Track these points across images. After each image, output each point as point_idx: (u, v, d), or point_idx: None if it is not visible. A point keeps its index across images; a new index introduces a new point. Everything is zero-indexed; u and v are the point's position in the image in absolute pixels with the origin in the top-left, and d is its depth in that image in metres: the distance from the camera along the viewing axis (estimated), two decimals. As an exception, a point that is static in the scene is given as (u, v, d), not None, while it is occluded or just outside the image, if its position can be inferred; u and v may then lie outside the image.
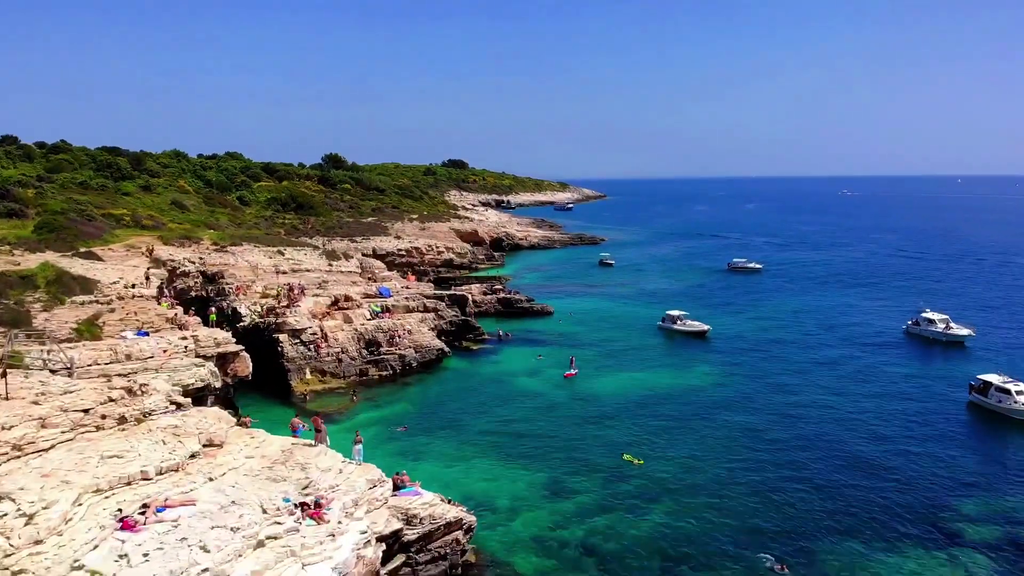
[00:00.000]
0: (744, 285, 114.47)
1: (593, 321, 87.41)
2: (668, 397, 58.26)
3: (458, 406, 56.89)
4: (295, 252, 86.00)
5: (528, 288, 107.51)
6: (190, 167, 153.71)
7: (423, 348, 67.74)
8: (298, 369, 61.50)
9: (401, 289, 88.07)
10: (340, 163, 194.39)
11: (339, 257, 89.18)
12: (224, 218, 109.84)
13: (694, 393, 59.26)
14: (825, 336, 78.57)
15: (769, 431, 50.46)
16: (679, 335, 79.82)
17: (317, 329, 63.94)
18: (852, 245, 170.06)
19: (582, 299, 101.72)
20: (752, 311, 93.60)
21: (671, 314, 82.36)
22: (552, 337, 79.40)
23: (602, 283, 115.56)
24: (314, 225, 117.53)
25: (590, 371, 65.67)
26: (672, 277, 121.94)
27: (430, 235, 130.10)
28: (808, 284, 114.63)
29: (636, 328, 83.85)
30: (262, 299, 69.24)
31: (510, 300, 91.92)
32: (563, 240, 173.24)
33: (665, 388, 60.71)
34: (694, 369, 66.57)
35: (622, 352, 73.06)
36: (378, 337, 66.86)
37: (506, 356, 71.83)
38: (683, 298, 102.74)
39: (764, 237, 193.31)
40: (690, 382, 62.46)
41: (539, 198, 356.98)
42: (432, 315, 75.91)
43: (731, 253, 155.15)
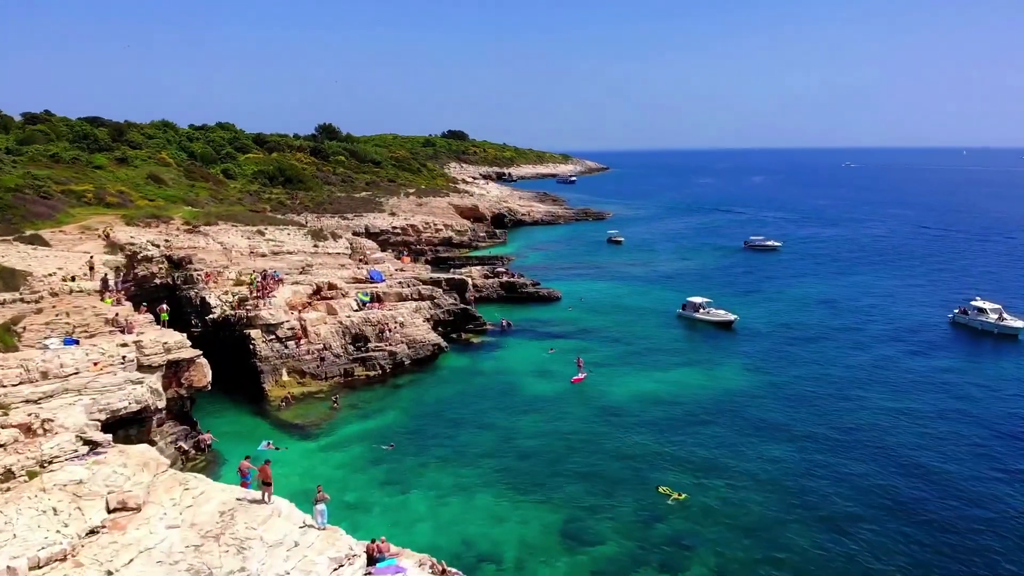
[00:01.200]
0: (764, 266, 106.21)
1: (605, 308, 79.30)
2: (698, 406, 50.26)
3: (456, 415, 48.98)
4: (277, 232, 77.72)
5: (533, 270, 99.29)
6: (177, 138, 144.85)
7: (417, 343, 59.72)
8: (273, 370, 53.54)
9: (394, 272, 79.91)
10: (334, 134, 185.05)
11: (326, 237, 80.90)
12: (204, 193, 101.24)
13: (728, 401, 51.26)
14: (865, 328, 70.41)
15: (825, 453, 42.48)
16: (701, 325, 71.76)
17: (296, 323, 55.88)
18: (871, 221, 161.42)
19: (592, 282, 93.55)
20: (777, 297, 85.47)
21: (693, 301, 74.20)
22: (561, 326, 71.34)
23: (612, 263, 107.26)
24: (302, 201, 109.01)
25: (605, 372, 57.69)
26: (686, 257, 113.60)
27: (427, 211, 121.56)
28: (833, 265, 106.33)
29: (653, 316, 75.75)
30: (236, 287, 61.09)
31: (514, 284, 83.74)
32: (568, 216, 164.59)
33: (693, 394, 52.71)
34: (724, 369, 58.56)
35: (640, 346, 65.02)
36: (366, 331, 58.84)
37: (510, 351, 63.83)
38: (700, 281, 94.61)
39: (776, 212, 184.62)
40: (722, 385, 54.44)
41: (541, 170, 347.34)
42: (428, 304, 67.80)
43: (746, 230, 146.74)
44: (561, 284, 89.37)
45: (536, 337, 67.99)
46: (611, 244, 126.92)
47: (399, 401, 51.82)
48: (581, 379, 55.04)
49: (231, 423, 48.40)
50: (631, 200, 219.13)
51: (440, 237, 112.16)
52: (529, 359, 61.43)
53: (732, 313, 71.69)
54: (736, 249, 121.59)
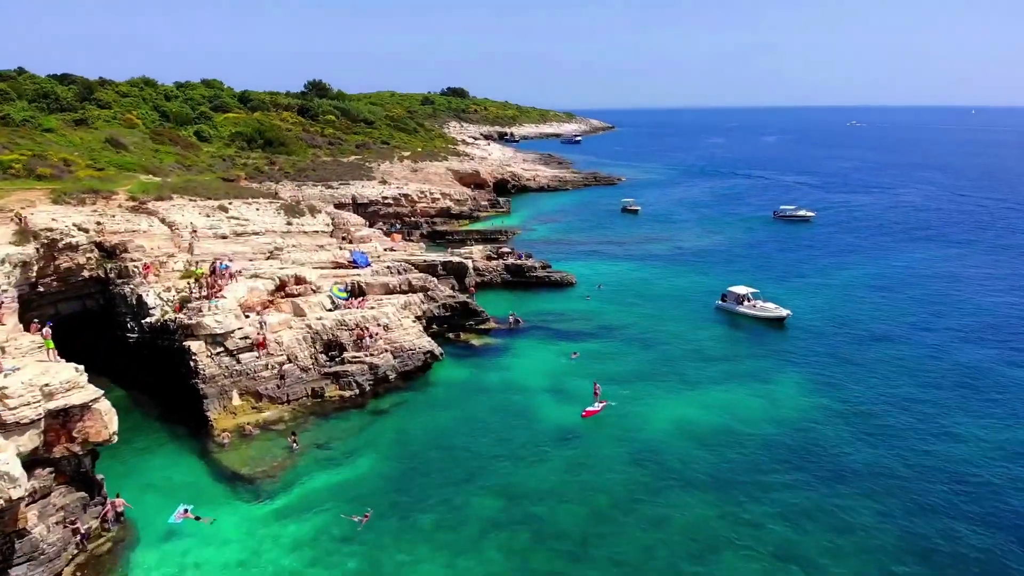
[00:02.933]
0: (799, 240, 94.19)
1: (627, 297, 67.52)
2: (758, 446, 38.79)
3: (451, 460, 37.62)
4: (243, 207, 65.57)
5: (541, 246, 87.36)
6: (154, 97, 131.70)
7: (405, 351, 48.13)
8: (220, 393, 42.06)
9: (383, 254, 68.19)
10: (324, 91, 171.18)
11: (302, 212, 68.79)
12: (170, 159, 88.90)
13: (795, 437, 39.78)
14: (936, 325, 58.76)
15: (930, 517, 31.24)
16: (746, 321, 60.17)
17: (251, 330, 44.25)
18: (901, 187, 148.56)
19: (609, 262, 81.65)
20: (823, 281, 73.64)
21: (735, 292, 62.39)
22: (578, 322, 59.67)
23: (629, 238, 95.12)
24: (282, 167, 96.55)
25: (636, 390, 46.19)
26: (711, 229, 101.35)
27: (423, 178, 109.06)
28: (876, 239, 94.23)
29: (684, 308, 64.03)
30: (184, 280, 49.48)
31: (521, 268, 71.80)
32: (576, 180, 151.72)
33: (748, 426, 41.16)
34: (781, 386, 47.01)
35: (674, 351, 53.40)
36: (341, 337, 47.25)
37: (520, 357, 52.28)
38: (731, 260, 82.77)
39: (797, 175, 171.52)
40: (783, 412, 42.92)
41: (544, 130, 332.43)
42: (420, 297, 56.13)
43: (769, 196, 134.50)
44: (574, 265, 77.57)
45: (550, 337, 56.42)
46: (626, 214, 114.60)
47: (379, 436, 40.34)
48: (596, 411, 42.59)
49: (161, 469, 37.11)
50: (641, 162, 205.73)
51: (437, 207, 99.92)
52: (543, 369, 49.93)
53: (783, 307, 59.93)
54: (765, 220, 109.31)
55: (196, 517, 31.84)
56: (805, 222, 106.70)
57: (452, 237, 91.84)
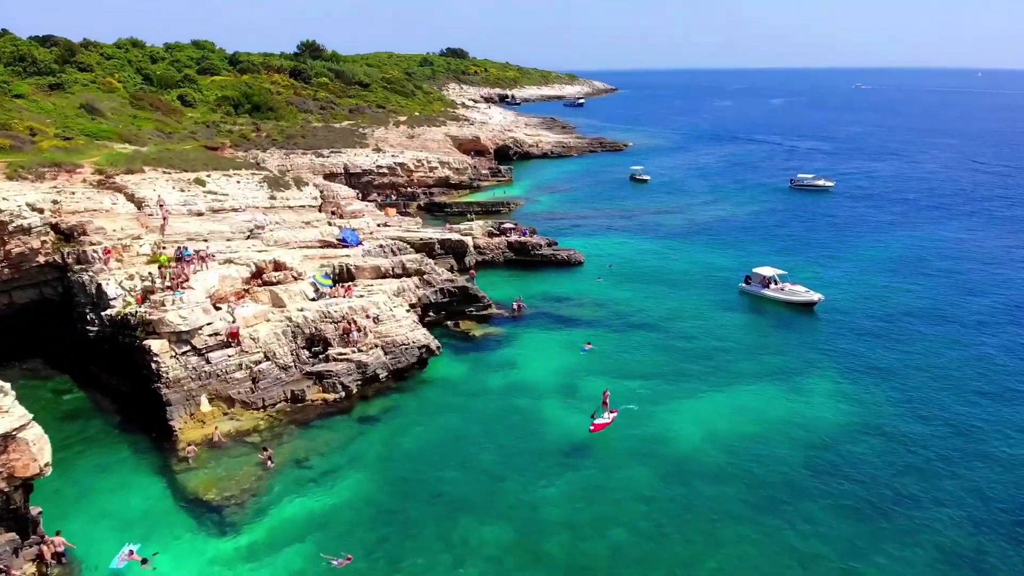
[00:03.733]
0: (820, 212, 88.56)
1: (641, 278, 62.18)
2: (793, 461, 33.82)
3: (448, 480, 32.66)
4: (224, 180, 60.00)
5: (544, 219, 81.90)
6: (140, 58, 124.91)
7: (397, 347, 42.94)
8: (186, 398, 37.02)
9: (375, 230, 62.86)
10: (318, 52, 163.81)
11: (288, 185, 63.17)
12: (149, 125, 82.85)
13: (837, 451, 34.76)
14: (981, 313, 53.63)
15: None
16: (772, 306, 55.00)
17: (223, 324, 39.06)
18: (918, 153, 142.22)
19: (619, 238, 76.14)
20: (851, 258, 68.28)
21: (761, 274, 57.03)
22: (588, 308, 54.44)
23: (640, 210, 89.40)
24: (269, 134, 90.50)
25: (656, 388, 41.17)
26: (726, 200, 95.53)
27: (420, 145, 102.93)
28: (900, 211, 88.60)
29: (704, 291, 58.77)
30: (149, 265, 44.20)
31: (525, 245, 66.32)
32: (580, 146, 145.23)
33: (781, 437, 36.18)
34: (815, 384, 41.92)
35: (696, 343, 48.24)
36: (325, 331, 42.06)
37: (525, 349, 47.10)
38: (750, 235, 77.30)
39: (809, 141, 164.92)
40: (820, 418, 37.85)
41: (546, 92, 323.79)
42: (415, 281, 50.84)
43: (783, 163, 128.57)
44: (582, 241, 72.15)
45: (558, 325, 51.24)
46: (635, 183, 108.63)
47: (366, 449, 35.34)
48: (607, 423, 36.66)
49: (117, 492, 32.18)
50: (647, 126, 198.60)
51: (435, 177, 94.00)
52: (552, 364, 44.82)
53: (814, 291, 54.60)
54: (782, 189, 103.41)
55: (143, 560, 26.94)
56: (824, 192, 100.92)
57: (451, 209, 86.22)
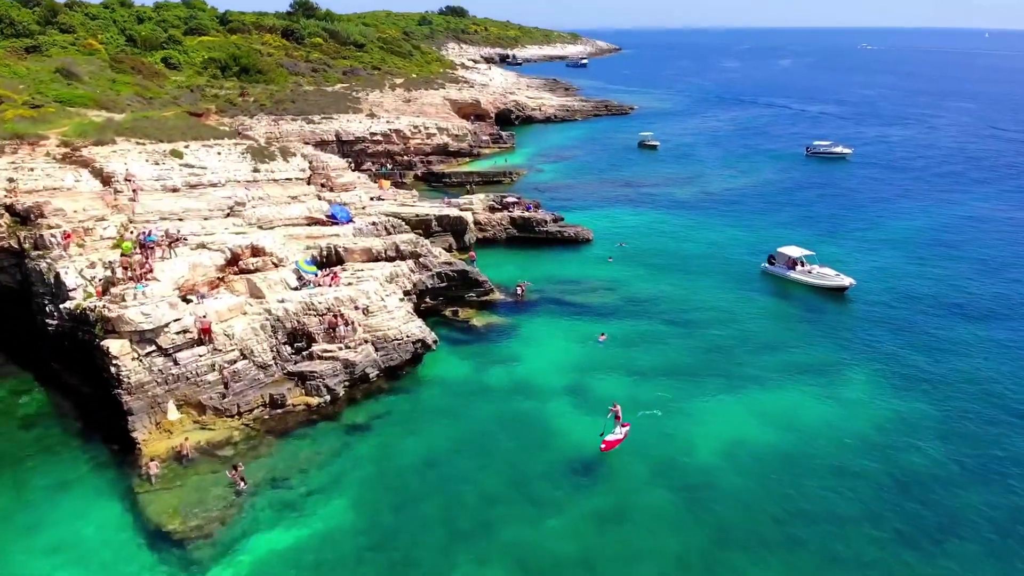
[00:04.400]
0: (838, 182, 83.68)
1: (655, 257, 57.66)
2: (841, 480, 29.71)
3: (446, 506, 28.60)
4: (203, 151, 55.17)
5: (549, 190, 77.13)
6: (126, 18, 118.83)
7: (390, 342, 38.61)
8: (151, 406, 32.82)
9: (368, 205, 58.26)
10: (312, 11, 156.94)
11: (273, 156, 58.31)
12: (128, 90, 77.52)
13: (887, 466, 30.71)
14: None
15: None
16: (798, 290, 50.60)
17: (192, 320, 34.69)
18: (935, 118, 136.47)
19: (629, 211, 71.36)
20: (875, 234, 63.70)
21: (786, 254, 52.47)
22: (599, 294, 50.00)
23: (650, 180, 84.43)
24: (257, 98, 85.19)
25: (674, 391, 36.93)
26: (739, 169, 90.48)
27: (417, 110, 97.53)
28: (923, 182, 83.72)
29: (722, 272, 54.30)
30: (114, 250, 39.72)
31: (530, 221, 61.67)
32: (585, 110, 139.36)
33: (822, 452, 32.00)
34: (852, 385, 37.67)
35: (716, 334, 43.87)
36: (308, 325, 37.71)
37: (531, 344, 42.71)
38: (766, 207, 72.60)
39: (821, 104, 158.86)
40: (862, 429, 33.56)
41: (548, 52, 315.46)
42: (409, 265, 46.34)
43: (796, 128, 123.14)
44: (589, 215, 67.53)
45: (566, 313, 46.88)
46: (644, 150, 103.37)
47: (352, 466, 31.17)
48: (619, 440, 31.75)
49: (71, 521, 28.06)
50: (653, 88, 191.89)
51: (432, 144, 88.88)
52: (561, 359, 40.56)
53: (844, 274, 50.10)
54: (797, 157, 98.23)
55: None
56: (841, 160, 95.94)
57: (450, 179, 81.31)
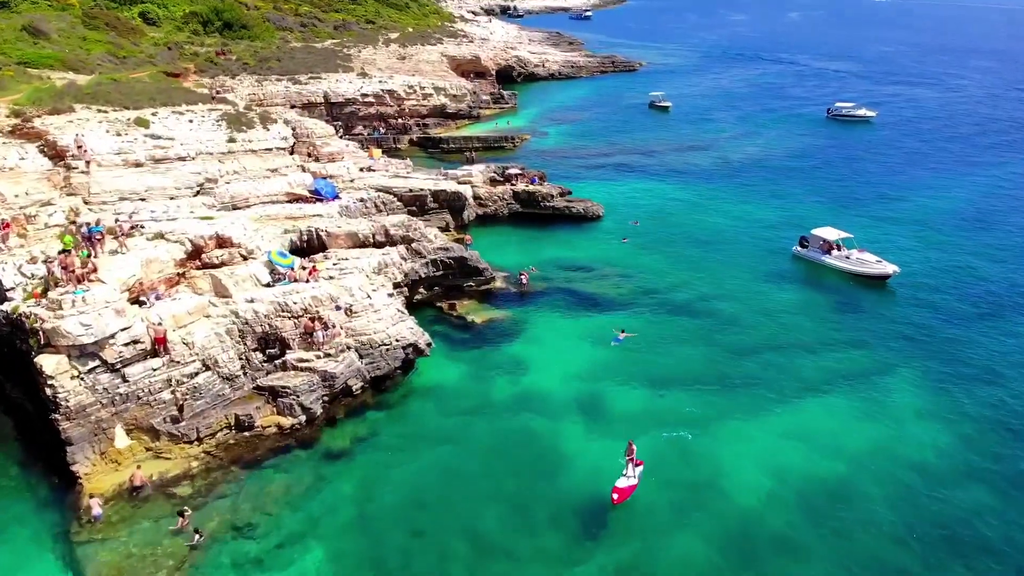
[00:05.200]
0: (864, 148, 77.76)
1: (672, 237, 52.30)
2: (897, 517, 25.04)
3: (440, 557, 23.92)
4: (173, 119, 49.47)
5: (554, 158, 71.38)
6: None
7: (376, 348, 33.49)
8: (94, 432, 27.94)
9: (356, 178, 52.98)
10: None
11: (251, 124, 52.53)
12: (100, 49, 71.30)
13: (949, 502, 26.01)
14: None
15: None
16: (833, 277, 45.44)
17: (144, 330, 29.58)
18: (959, 78, 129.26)
19: (640, 182, 65.68)
20: (907, 207, 58.30)
21: (821, 236, 47.09)
22: (611, 281, 44.77)
23: (662, 145, 78.45)
24: (240, 56, 78.80)
25: (704, 410, 32.00)
26: (758, 134, 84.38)
27: (412, 68, 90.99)
28: (956, 148, 77.87)
29: (749, 254, 49.06)
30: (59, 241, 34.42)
31: (534, 196, 56.12)
32: (591, 66, 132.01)
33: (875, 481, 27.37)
34: (902, 397, 32.86)
35: (743, 331, 38.83)
36: (281, 329, 32.60)
37: (539, 344, 37.58)
38: (792, 178, 66.96)
39: (836, 61, 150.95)
40: (917, 454, 28.89)
41: (551, 3, 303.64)
42: (400, 251, 41.06)
43: (813, 88, 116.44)
44: (598, 188, 61.99)
45: (576, 304, 41.75)
46: (655, 111, 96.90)
47: (331, 506, 26.33)
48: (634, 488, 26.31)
49: None
50: (659, 43, 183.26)
51: (429, 106, 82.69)
52: (571, 362, 35.56)
53: (887, 261, 44.81)
54: (818, 120, 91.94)
55: None
56: (865, 123, 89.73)
57: (448, 145, 75.41)
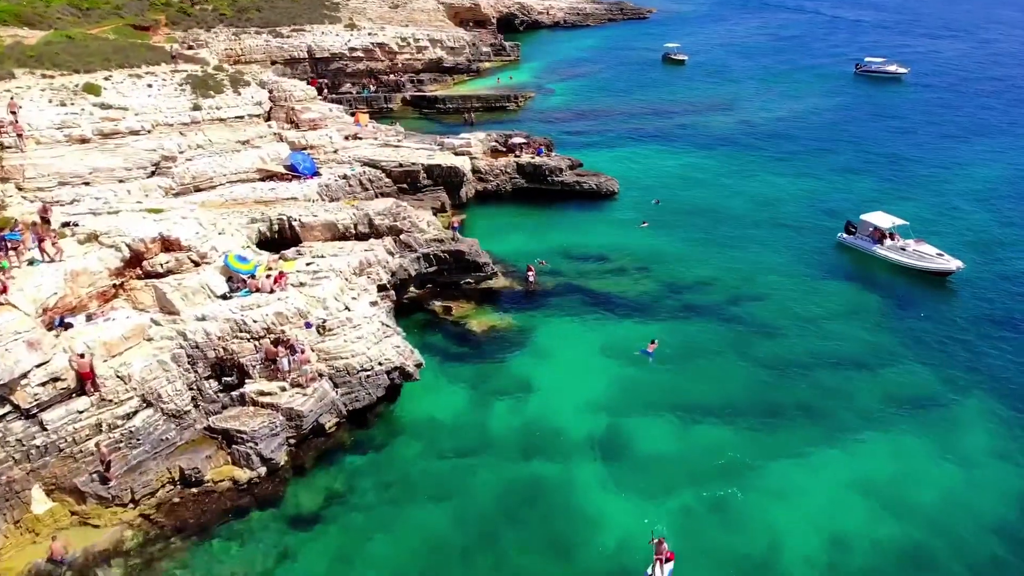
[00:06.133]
0: (897, 109, 70.94)
1: (697, 218, 45.99)
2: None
3: None
4: (129, 84, 42.82)
5: (561, 118, 64.78)
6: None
7: (354, 376, 27.61)
8: (4, 496, 22.39)
9: (339, 150, 46.81)
10: None
11: (221, 87, 45.92)
12: (60, 1, 63.93)
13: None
14: None
15: None
16: (887, 271, 39.51)
17: (66, 363, 23.76)
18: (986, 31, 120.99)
19: (657, 150, 59.06)
20: (968, 184, 52.05)
21: (872, 223, 40.82)
22: (633, 275, 38.78)
23: (679, 105, 71.41)
24: (216, 7, 71.20)
25: (748, 446, 26.43)
26: (782, 92, 77.17)
27: (406, 18, 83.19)
28: (1001, 111, 71.00)
29: (785, 237, 43.03)
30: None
31: (541, 170, 49.63)
32: (598, 13, 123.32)
33: (948, 545, 22.09)
34: (973, 429, 27.39)
35: (789, 344, 33.11)
36: (239, 354, 26.71)
37: (548, 357, 31.82)
38: (826, 145, 60.46)
39: (855, 10, 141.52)
40: (989, 503, 23.58)
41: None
42: (387, 245, 34.98)
43: (836, 39, 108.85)
44: (611, 157, 55.62)
45: (590, 306, 35.86)
46: (669, 65, 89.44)
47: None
48: None
49: None
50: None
51: (424, 60, 75.33)
52: (586, 389, 29.74)
53: (950, 255, 38.72)
54: (845, 76, 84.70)
55: None
56: (896, 81, 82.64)
57: (444, 105, 68.50)
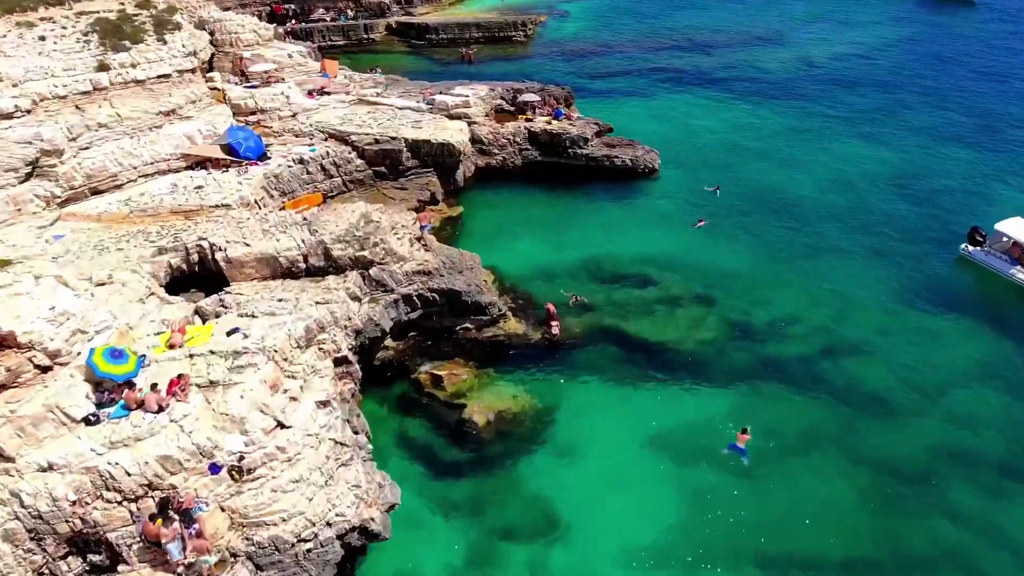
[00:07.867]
0: (980, 45, 58.55)
1: (759, 210, 34.80)
2: None
3: None
4: (13, 37, 30.97)
5: (578, 54, 52.74)
6: None
7: (289, 549, 17.29)
8: None
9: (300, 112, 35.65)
10: None
11: (140, 34, 33.76)
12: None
13: None
14: None
15: None
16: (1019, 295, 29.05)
17: None
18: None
19: (699, 99, 47.06)
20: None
21: (1010, 235, 29.74)
22: (688, 306, 28.01)
23: (720, 37, 58.46)
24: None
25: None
26: (838, 19, 64.58)
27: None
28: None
29: (876, 242, 32.25)
30: None
31: (560, 140, 37.83)
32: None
33: None
34: None
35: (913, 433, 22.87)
36: (105, 527, 16.41)
37: (576, 468, 21.42)
38: (898, 96, 48.77)
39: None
40: None
41: None
42: (349, 288, 24.12)
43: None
44: (640, 109, 44.11)
45: (630, 360, 25.29)
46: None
47: None
48: None
49: None
50: None
51: (413, -22, 62.10)
52: (640, 513, 19.80)
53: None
54: (906, 2, 71.62)
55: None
56: (968, 6, 69.99)
57: (437, 36, 55.85)
